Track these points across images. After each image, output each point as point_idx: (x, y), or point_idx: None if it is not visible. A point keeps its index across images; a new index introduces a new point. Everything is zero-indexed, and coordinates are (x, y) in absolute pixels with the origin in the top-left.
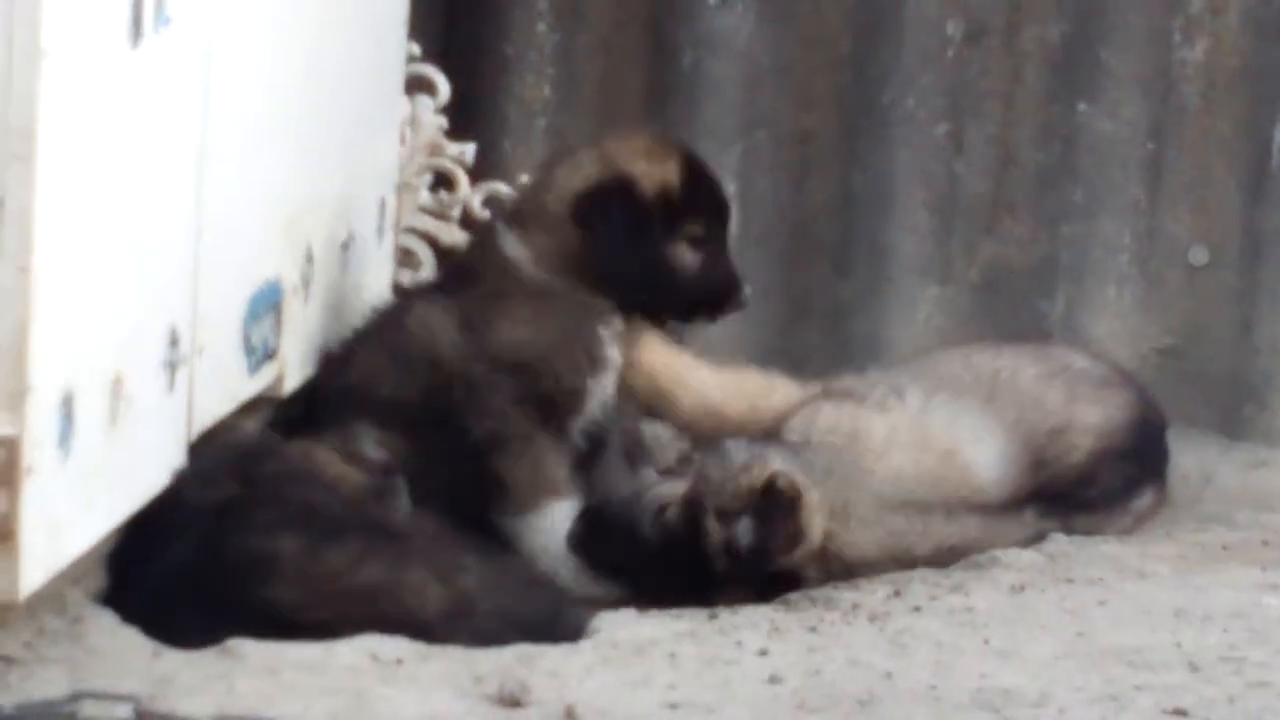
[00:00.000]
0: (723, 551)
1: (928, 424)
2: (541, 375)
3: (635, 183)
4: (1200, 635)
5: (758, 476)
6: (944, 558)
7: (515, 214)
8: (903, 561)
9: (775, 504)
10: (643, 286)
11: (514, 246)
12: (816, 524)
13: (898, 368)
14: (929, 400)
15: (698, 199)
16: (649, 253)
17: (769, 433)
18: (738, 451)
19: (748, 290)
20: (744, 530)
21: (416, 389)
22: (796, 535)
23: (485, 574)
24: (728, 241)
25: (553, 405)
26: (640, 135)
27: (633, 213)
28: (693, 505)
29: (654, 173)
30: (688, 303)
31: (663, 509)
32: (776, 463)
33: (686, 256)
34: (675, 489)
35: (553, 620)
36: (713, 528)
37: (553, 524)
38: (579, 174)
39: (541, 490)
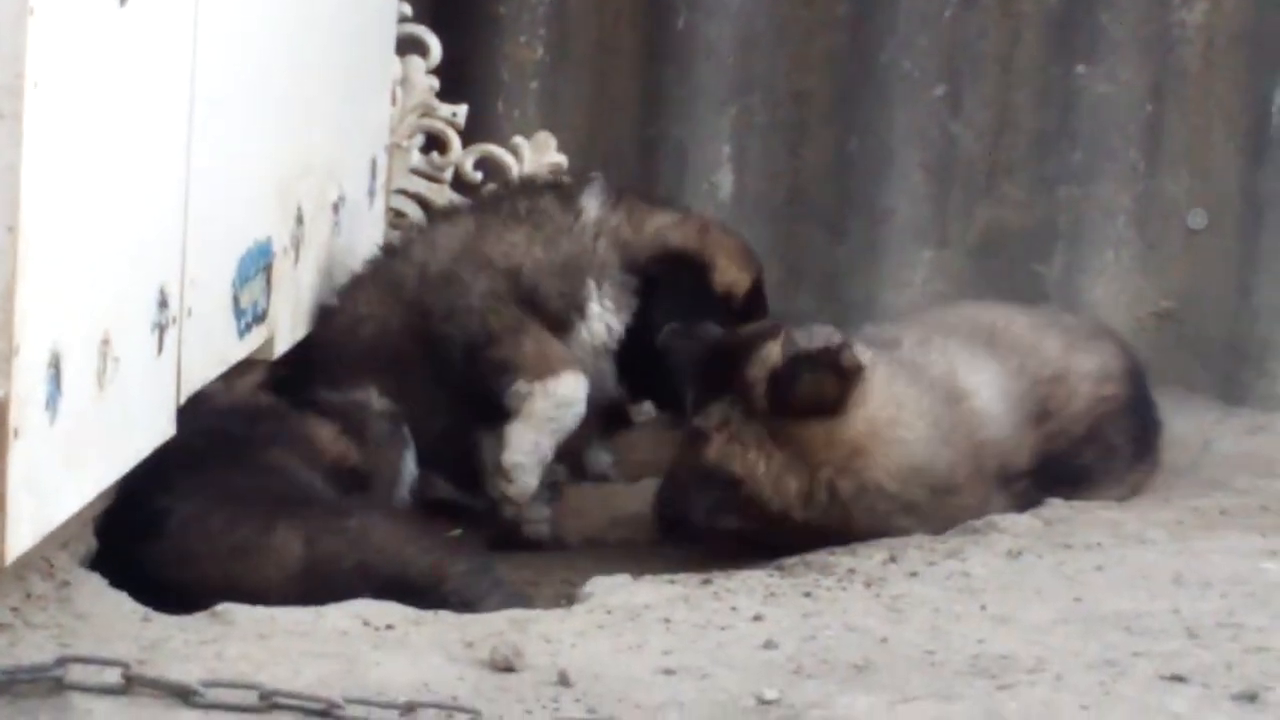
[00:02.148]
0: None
1: (927, 366)
2: (528, 282)
3: (714, 269)
4: (1198, 601)
5: (834, 339)
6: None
7: (613, 188)
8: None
9: (830, 365)
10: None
11: (593, 204)
12: (860, 416)
13: (889, 323)
14: (925, 345)
15: (750, 311)
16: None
17: None
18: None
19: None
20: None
21: (401, 313)
22: (836, 398)
23: (363, 535)
24: None
25: (544, 311)
26: (736, 236)
27: (700, 290)
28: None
29: (731, 273)
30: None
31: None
32: (865, 355)
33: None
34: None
35: (433, 583)
36: (772, 353)
37: (572, 389)
38: (678, 232)
39: (556, 360)
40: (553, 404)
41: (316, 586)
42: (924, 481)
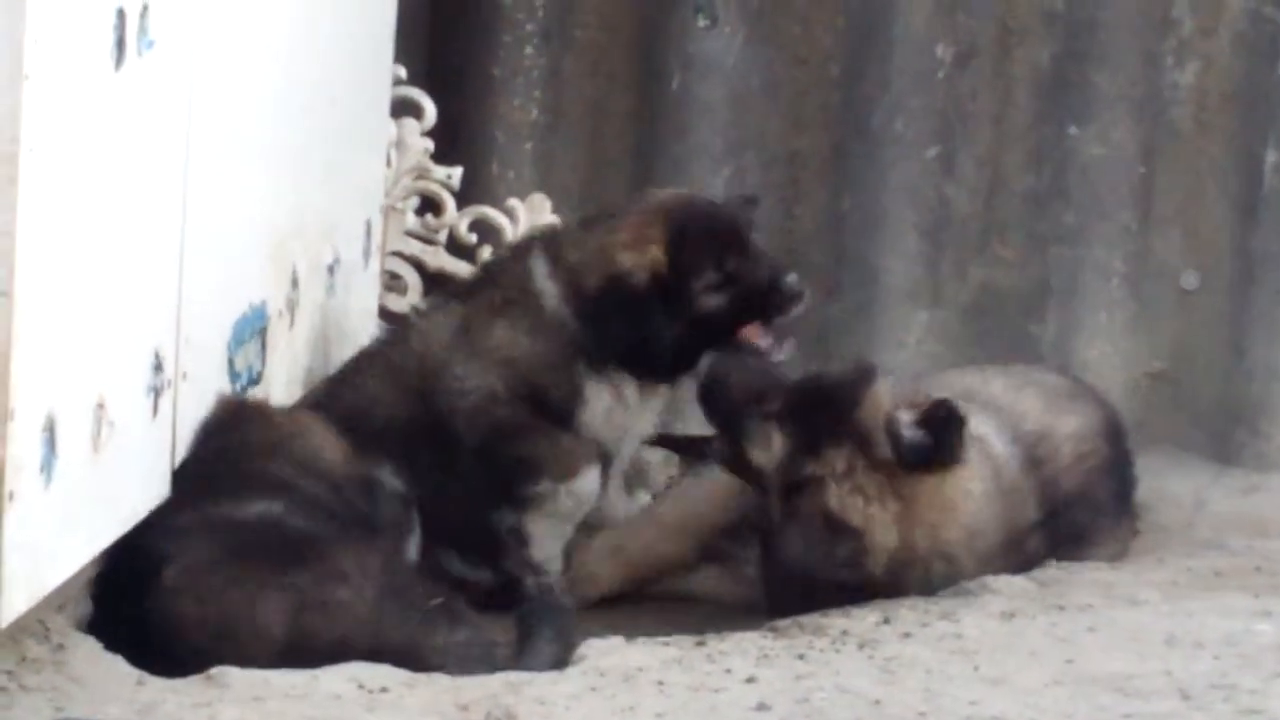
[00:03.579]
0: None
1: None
2: (527, 375)
3: (625, 276)
4: (1191, 662)
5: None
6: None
7: (550, 248)
8: None
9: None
10: (659, 356)
11: (542, 276)
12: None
13: None
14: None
15: (697, 251)
16: (651, 330)
17: None
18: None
19: (792, 279)
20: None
21: (409, 403)
22: (960, 450)
23: (348, 609)
24: (752, 252)
25: (546, 405)
26: (625, 221)
27: (628, 306)
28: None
29: (640, 262)
30: (730, 330)
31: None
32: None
33: (711, 301)
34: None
35: (414, 658)
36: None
37: (591, 484)
38: (590, 276)
39: (575, 459)
40: (574, 501)
41: (299, 658)
42: (978, 545)
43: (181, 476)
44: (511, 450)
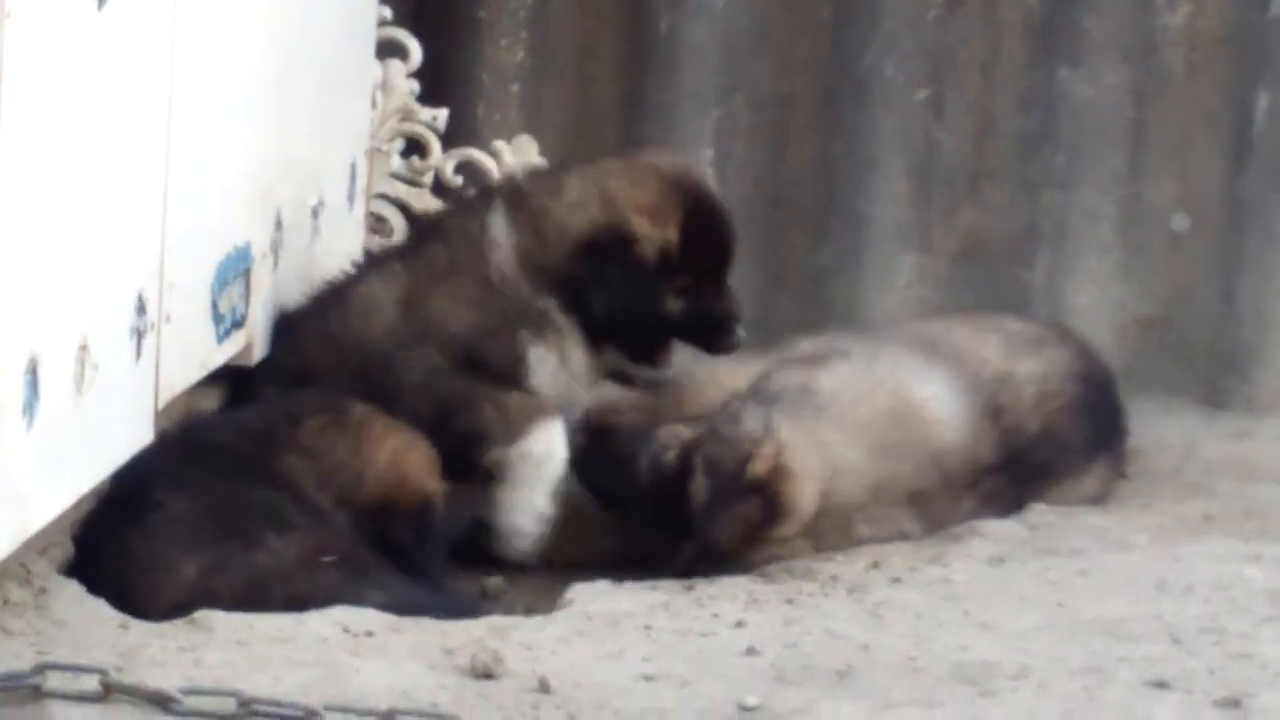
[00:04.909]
0: (700, 513)
1: (874, 370)
2: (470, 350)
3: (636, 242)
4: (1181, 607)
5: (761, 457)
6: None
7: (514, 198)
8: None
9: (763, 491)
10: (626, 330)
11: (500, 230)
12: (806, 497)
13: (839, 338)
14: (874, 353)
15: (696, 255)
16: (639, 305)
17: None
18: (752, 418)
19: (740, 334)
20: (717, 510)
21: (348, 374)
22: (771, 519)
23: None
24: (724, 282)
25: (492, 372)
26: (647, 182)
27: (630, 270)
28: (690, 457)
29: (655, 235)
30: (662, 338)
31: (664, 449)
32: (783, 432)
33: (675, 304)
34: (682, 434)
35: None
36: (699, 488)
37: (546, 443)
38: (582, 214)
39: (522, 418)
40: (531, 464)
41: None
42: (890, 496)
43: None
44: (458, 424)
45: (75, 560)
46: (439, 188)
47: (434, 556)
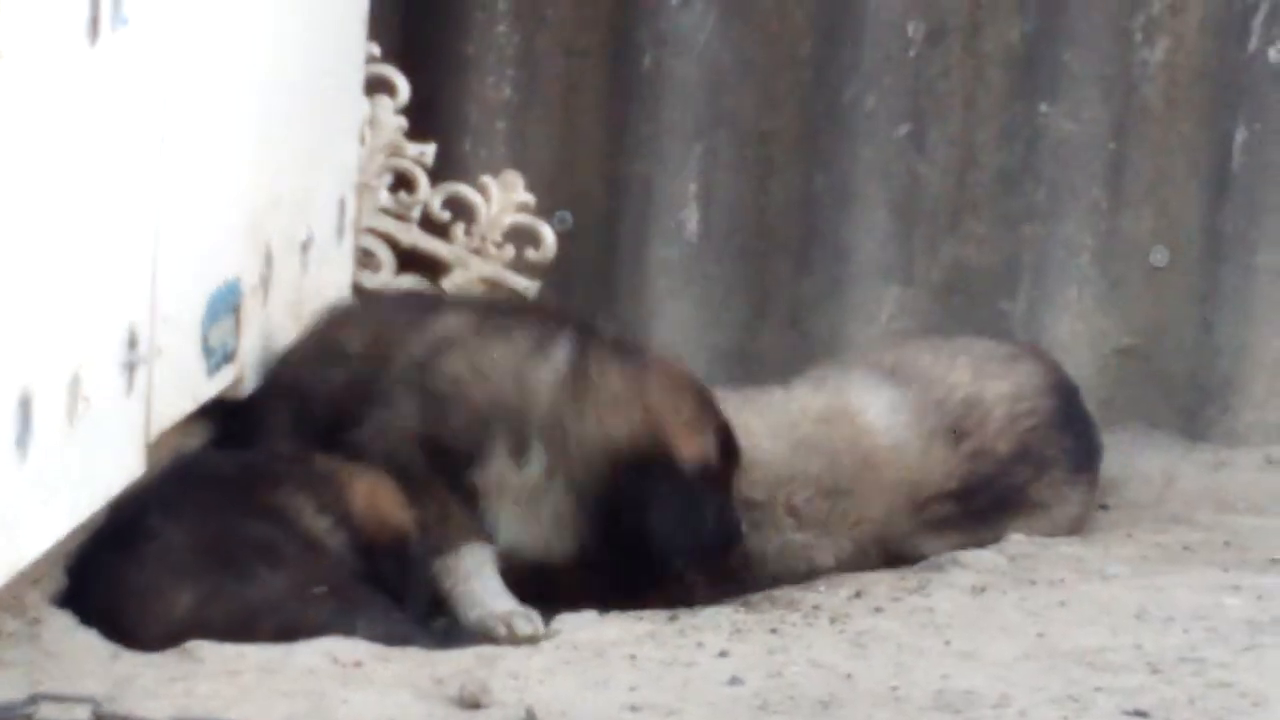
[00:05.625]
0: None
1: (816, 395)
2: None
3: (676, 456)
4: (1161, 636)
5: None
6: None
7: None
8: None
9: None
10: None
11: (565, 364)
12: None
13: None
14: (818, 381)
15: (727, 469)
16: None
17: None
18: None
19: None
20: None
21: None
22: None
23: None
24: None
25: (446, 453)
26: (684, 399)
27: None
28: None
29: (698, 450)
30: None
31: None
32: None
33: None
34: None
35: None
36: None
37: (471, 566)
38: (618, 416)
39: (456, 531)
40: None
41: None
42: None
43: None
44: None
45: (68, 591)
46: (427, 222)
47: (417, 591)
